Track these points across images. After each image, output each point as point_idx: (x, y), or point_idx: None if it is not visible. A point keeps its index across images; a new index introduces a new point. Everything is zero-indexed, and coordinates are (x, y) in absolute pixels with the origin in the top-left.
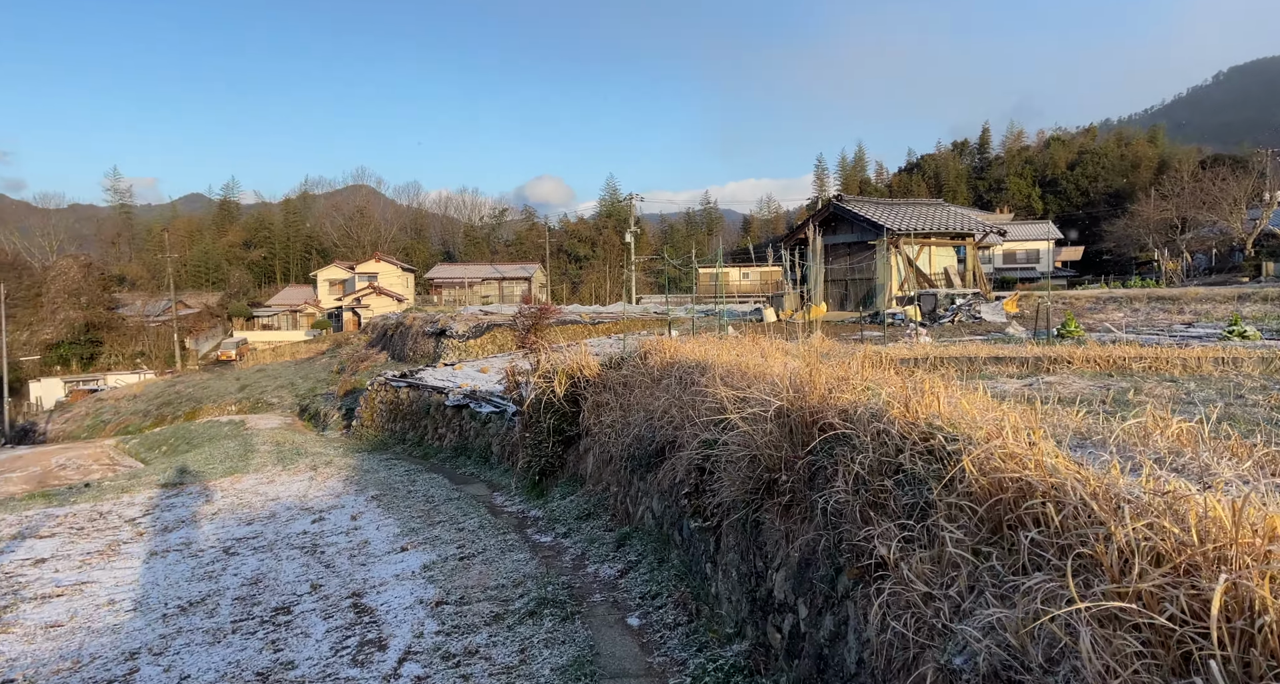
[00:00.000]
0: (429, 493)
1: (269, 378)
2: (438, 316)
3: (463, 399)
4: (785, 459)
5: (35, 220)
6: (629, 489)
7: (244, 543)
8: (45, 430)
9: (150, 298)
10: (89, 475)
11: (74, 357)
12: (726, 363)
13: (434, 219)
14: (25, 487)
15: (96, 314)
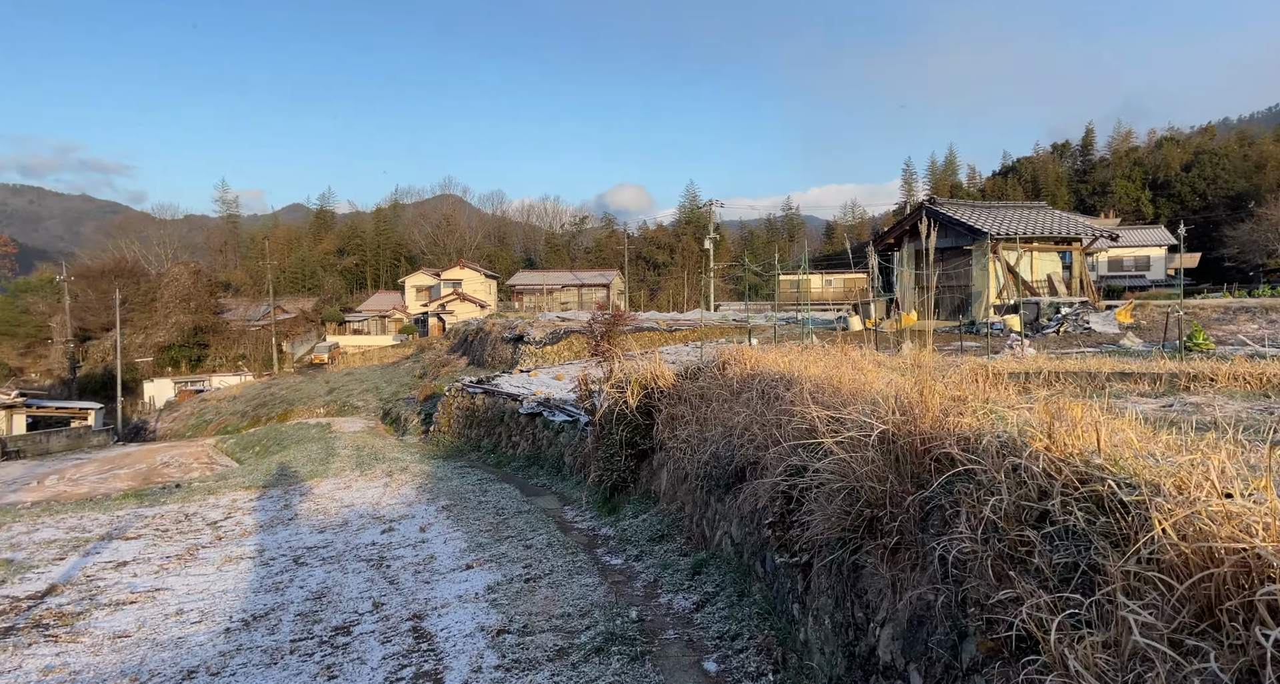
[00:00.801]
0: (499, 505)
1: (356, 381)
2: (516, 322)
3: (536, 407)
4: (891, 494)
5: (153, 230)
6: (705, 511)
7: (314, 552)
8: (155, 428)
9: (251, 303)
10: (189, 473)
11: (183, 358)
12: (816, 376)
13: (516, 227)
14: (131, 483)
15: (204, 318)
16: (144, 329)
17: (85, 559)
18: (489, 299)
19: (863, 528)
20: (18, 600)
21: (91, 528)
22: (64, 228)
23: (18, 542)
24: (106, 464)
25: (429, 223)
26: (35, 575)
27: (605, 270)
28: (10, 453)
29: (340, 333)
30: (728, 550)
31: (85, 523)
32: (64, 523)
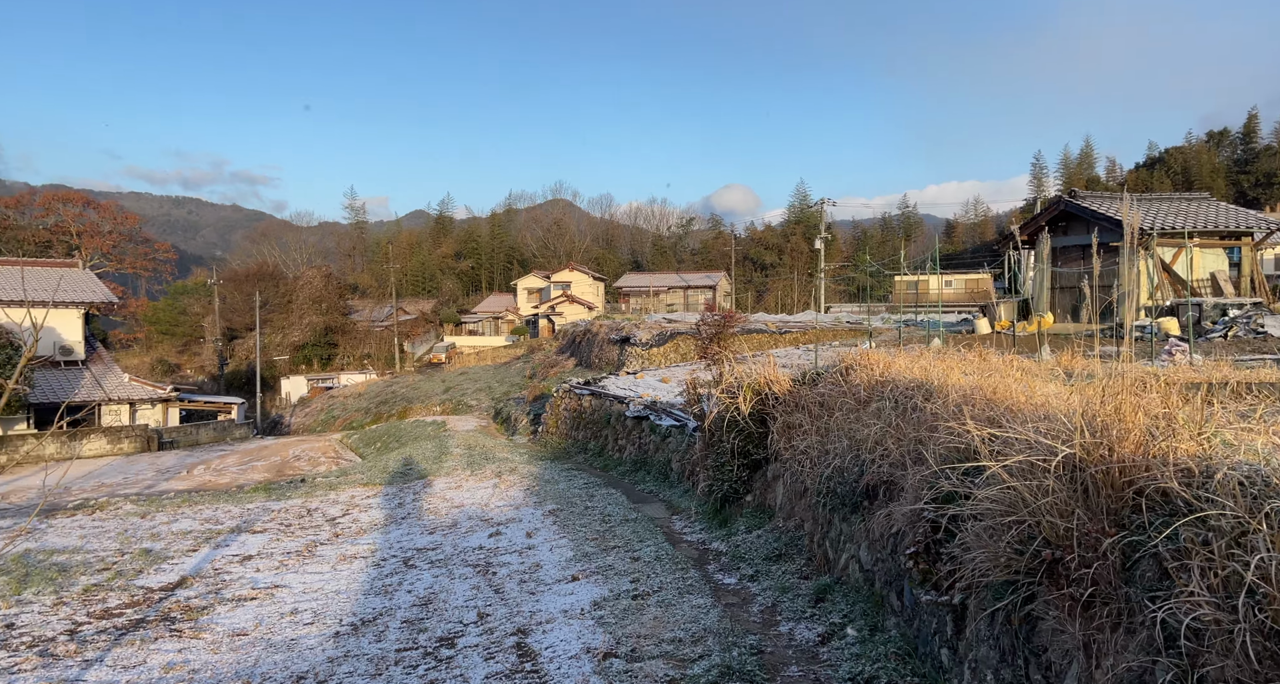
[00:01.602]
0: (606, 511)
1: (470, 380)
2: (622, 324)
3: (643, 410)
4: (1080, 533)
5: (290, 236)
6: (828, 530)
7: (423, 555)
8: (289, 423)
9: (376, 304)
10: (316, 467)
11: (315, 357)
12: (961, 386)
13: (624, 230)
14: (266, 475)
15: (333, 319)
16: (281, 329)
17: (215, 551)
18: (597, 301)
19: (1040, 572)
20: (151, 592)
21: (224, 520)
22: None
23: (158, 531)
24: (246, 456)
25: (540, 227)
26: (169, 566)
27: (711, 272)
28: (165, 443)
29: (457, 333)
30: (855, 576)
31: (219, 515)
32: (200, 514)
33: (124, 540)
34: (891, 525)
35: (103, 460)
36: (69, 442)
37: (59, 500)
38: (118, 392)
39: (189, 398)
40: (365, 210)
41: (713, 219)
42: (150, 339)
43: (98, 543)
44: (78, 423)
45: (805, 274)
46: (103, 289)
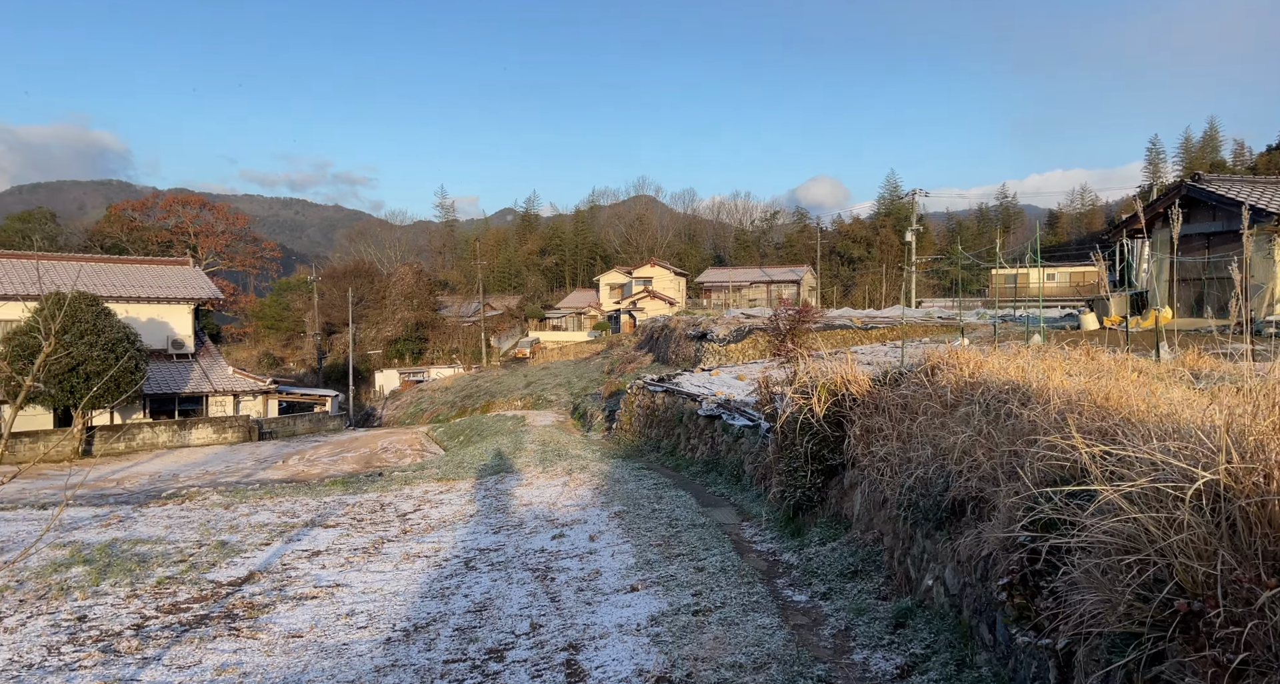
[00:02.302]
0: (673, 514)
1: (550, 375)
2: (700, 319)
3: (715, 409)
4: (1227, 582)
5: (385, 234)
6: (909, 546)
7: (485, 556)
8: (381, 415)
9: (464, 300)
10: (402, 459)
11: (407, 351)
12: (1065, 389)
13: (706, 224)
14: (355, 466)
15: (424, 314)
16: (376, 324)
17: (286, 546)
18: (678, 296)
19: (1171, 626)
20: (220, 586)
21: (300, 513)
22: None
23: (237, 523)
24: (338, 447)
25: (623, 222)
26: (241, 560)
27: (795, 266)
28: (265, 434)
29: (540, 329)
30: (940, 601)
31: (296, 508)
32: (279, 506)
33: (204, 532)
34: (981, 548)
35: (209, 449)
36: (179, 431)
37: (166, 487)
38: (223, 384)
39: (287, 390)
40: (455, 209)
41: (798, 212)
42: (258, 333)
43: (180, 534)
44: (187, 413)
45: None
46: (210, 285)
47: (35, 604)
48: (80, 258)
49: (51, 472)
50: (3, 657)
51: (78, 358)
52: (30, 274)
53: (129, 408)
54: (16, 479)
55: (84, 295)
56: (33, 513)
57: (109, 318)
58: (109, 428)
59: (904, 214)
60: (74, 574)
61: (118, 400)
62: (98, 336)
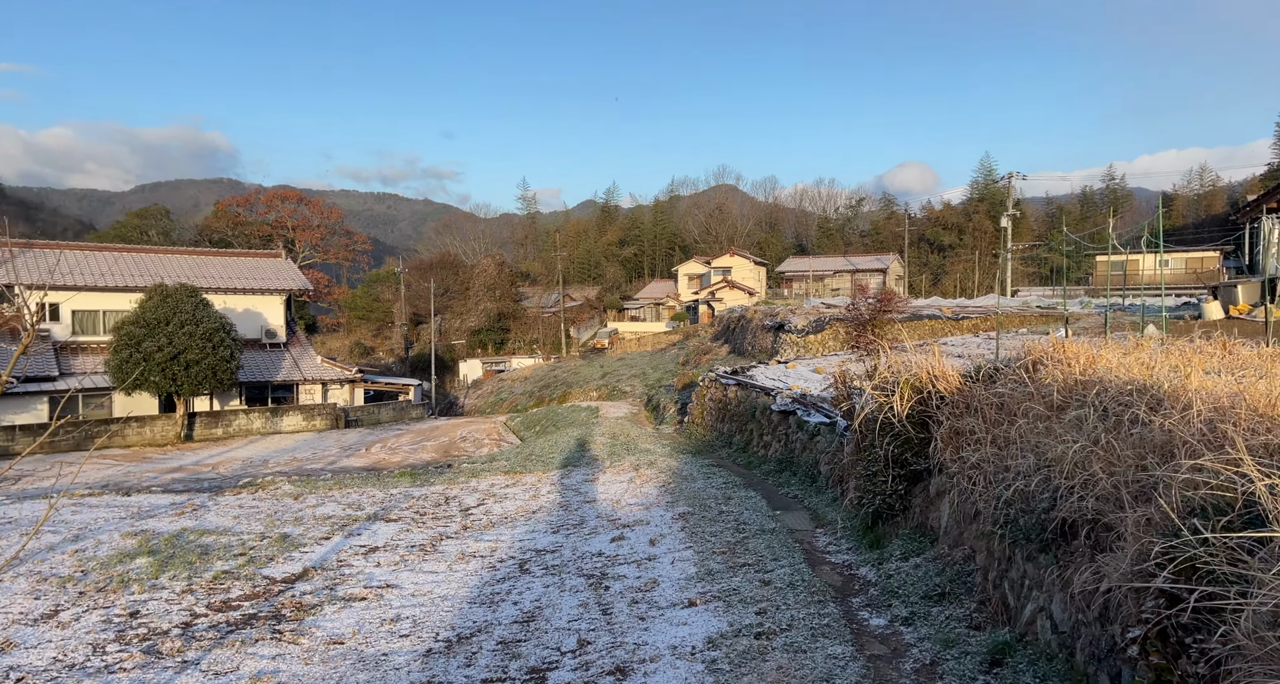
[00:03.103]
0: (741, 518)
1: (626, 366)
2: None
3: (790, 404)
4: None
5: (470, 227)
6: (1007, 569)
7: (540, 558)
8: (463, 404)
9: (545, 291)
10: (480, 448)
11: (489, 341)
12: (1210, 392)
13: (788, 213)
14: (434, 455)
15: (505, 305)
16: (460, 314)
17: (346, 541)
18: (758, 286)
19: None
20: (273, 583)
21: (365, 506)
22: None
23: (302, 516)
24: (419, 436)
25: (702, 212)
26: (299, 555)
27: (881, 254)
28: (351, 421)
29: (619, 319)
30: (1045, 637)
31: (362, 500)
32: (347, 498)
33: (269, 523)
34: (1100, 582)
35: (298, 436)
36: (272, 417)
37: (256, 472)
38: (312, 372)
39: (372, 379)
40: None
41: (885, 199)
42: (350, 324)
43: (245, 525)
44: (279, 400)
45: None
46: (300, 277)
47: (93, 597)
48: (182, 251)
49: (155, 455)
50: (48, 655)
51: (179, 347)
52: (138, 267)
53: (227, 395)
54: (123, 462)
55: (184, 287)
56: (116, 499)
57: (207, 308)
58: (208, 414)
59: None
60: (136, 566)
61: (213, 388)
62: (196, 326)
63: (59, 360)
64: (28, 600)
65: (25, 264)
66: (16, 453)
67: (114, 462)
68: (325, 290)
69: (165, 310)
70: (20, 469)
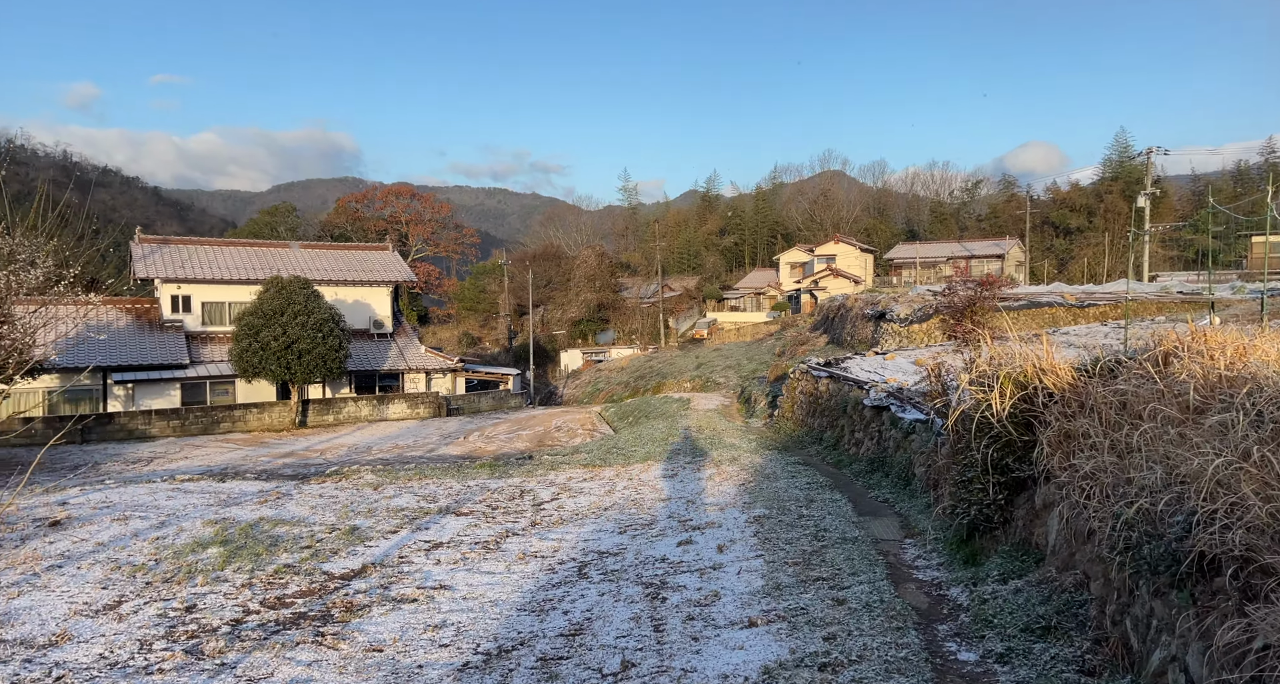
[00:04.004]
0: (822, 524)
1: (722, 357)
2: (879, 298)
3: (883, 398)
4: None
5: (574, 219)
6: (1129, 603)
7: (601, 561)
8: (562, 393)
9: (644, 281)
10: (573, 438)
11: (589, 331)
12: None
13: (898, 198)
14: (528, 444)
15: (605, 296)
16: (561, 305)
17: (412, 535)
18: (863, 274)
19: None
20: (330, 579)
21: (439, 498)
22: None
23: (376, 507)
24: (515, 425)
25: (806, 199)
26: (362, 550)
27: (999, 239)
28: (452, 410)
29: (718, 309)
30: None
31: (438, 492)
32: (424, 489)
33: (343, 514)
34: (1253, 640)
35: (402, 423)
36: (378, 405)
37: (361, 458)
38: (416, 362)
39: (473, 368)
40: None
41: (1005, 181)
42: (459, 314)
43: (319, 516)
44: (386, 389)
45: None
46: (406, 269)
47: (158, 588)
48: (295, 245)
49: (272, 440)
50: (95, 651)
51: (292, 337)
52: (259, 261)
53: (338, 383)
54: (243, 446)
55: (297, 279)
56: (210, 485)
57: (318, 300)
58: (320, 401)
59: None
60: (207, 556)
61: (324, 376)
62: (308, 317)
63: (190, 349)
64: (96, 590)
65: (162, 259)
66: (153, 436)
67: (235, 446)
68: (436, 282)
69: (280, 302)
70: (154, 450)
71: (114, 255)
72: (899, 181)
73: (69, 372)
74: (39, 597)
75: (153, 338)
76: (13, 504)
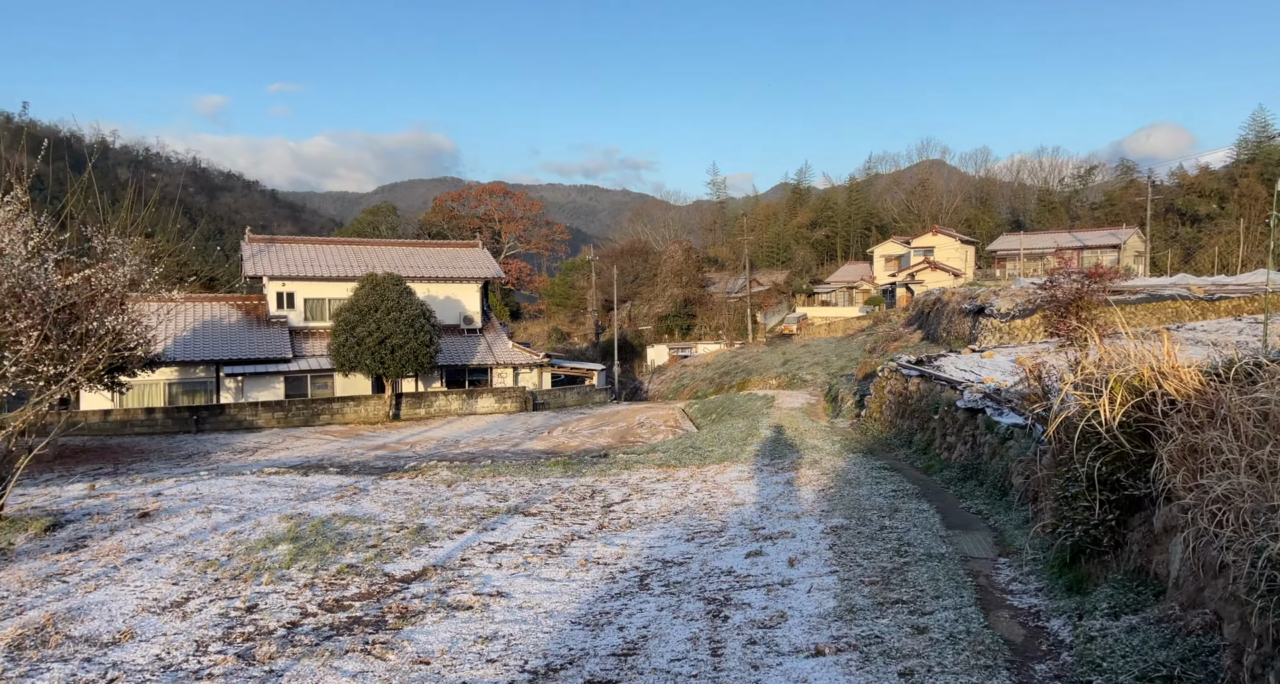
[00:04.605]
0: (906, 538)
1: (809, 354)
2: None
3: (978, 400)
4: None
5: (662, 214)
6: (1273, 654)
7: (665, 571)
8: (647, 389)
9: (731, 276)
10: (655, 434)
11: (675, 327)
12: None
13: (1002, 187)
14: (610, 441)
15: (691, 291)
16: (648, 300)
17: (477, 536)
18: (963, 266)
19: None
20: (390, 581)
21: (510, 496)
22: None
23: (446, 505)
24: (599, 420)
25: (902, 189)
26: (426, 550)
27: (1115, 228)
28: (538, 405)
29: (809, 304)
30: None
31: (510, 490)
32: (496, 487)
33: (413, 512)
34: None
35: (490, 417)
36: (467, 399)
37: (449, 451)
38: (504, 357)
39: (558, 363)
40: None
41: (1122, 166)
42: (549, 310)
43: (390, 513)
44: (475, 383)
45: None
46: (494, 266)
47: (225, 585)
48: (393, 243)
49: (366, 432)
50: (152, 652)
51: (385, 332)
52: (357, 259)
53: (429, 377)
54: (339, 438)
55: (390, 276)
56: (293, 479)
57: (410, 296)
58: (413, 395)
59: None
60: (276, 553)
61: (415, 371)
62: (400, 313)
63: (293, 343)
64: (166, 586)
65: (268, 258)
66: (259, 427)
67: (332, 437)
68: (527, 279)
69: (374, 298)
70: (259, 441)
71: (236, 255)
72: (1003, 170)
73: (186, 365)
74: (113, 591)
75: (260, 333)
76: (112, 495)
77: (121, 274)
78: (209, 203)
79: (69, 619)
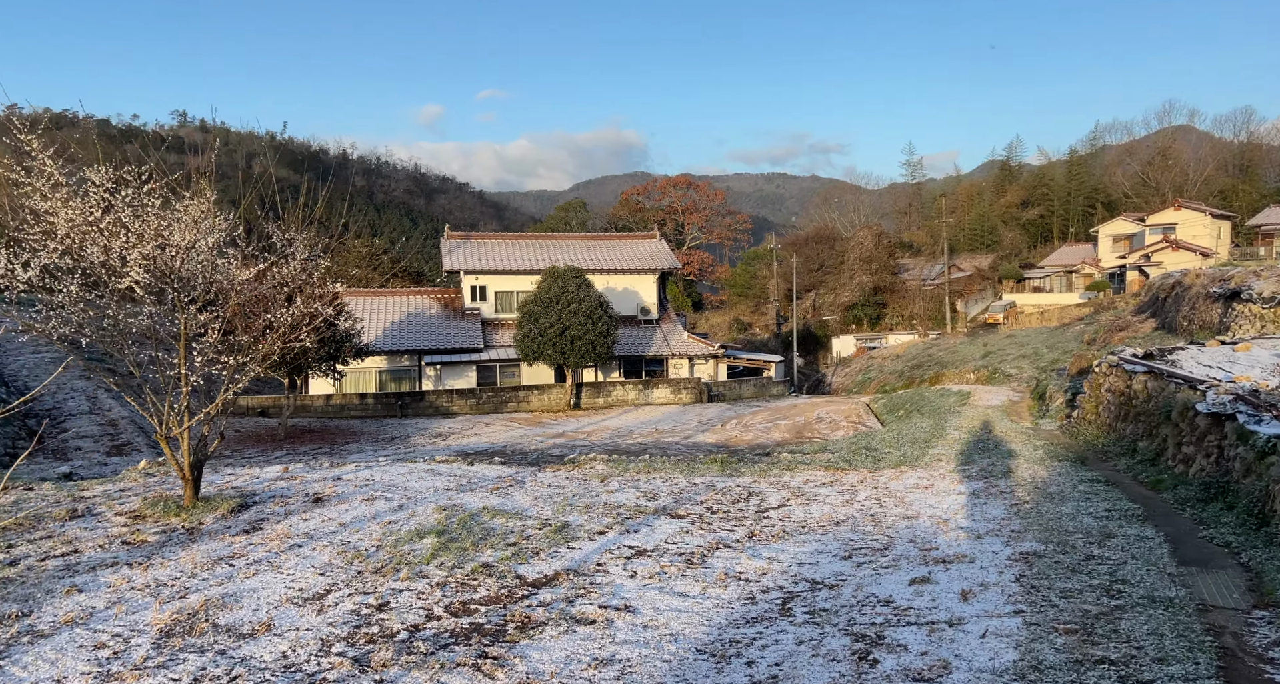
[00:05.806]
0: (1119, 572)
1: (1015, 345)
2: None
3: (1227, 404)
4: None
5: (853, 199)
6: None
7: (813, 595)
8: (830, 382)
9: (927, 262)
10: (835, 431)
11: (864, 316)
12: None
13: (1270, 152)
14: (785, 436)
15: (882, 278)
16: (834, 289)
17: (619, 537)
18: (1214, 245)
19: None
20: (521, 585)
21: (660, 495)
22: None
23: (594, 503)
24: (774, 414)
25: (1136, 161)
26: (564, 552)
27: None
28: (714, 396)
29: (1018, 291)
30: None
31: (661, 488)
32: (650, 484)
33: (560, 508)
34: None
35: (665, 408)
36: (643, 390)
37: (622, 441)
38: (679, 347)
39: (734, 355)
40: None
41: None
42: (730, 300)
43: (538, 508)
44: (651, 374)
45: None
46: (671, 257)
47: (366, 579)
48: (575, 237)
49: (548, 420)
50: (280, 649)
51: (565, 323)
52: (542, 252)
53: (608, 367)
54: (523, 426)
55: (570, 269)
56: (458, 469)
57: (589, 288)
58: (592, 384)
59: None
60: (420, 547)
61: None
62: (579, 304)
63: (484, 334)
64: (314, 575)
65: (464, 253)
66: (454, 413)
67: (516, 425)
68: (709, 269)
69: (556, 290)
70: (453, 426)
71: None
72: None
73: (393, 354)
74: (268, 578)
75: (456, 324)
76: (299, 478)
77: (293, 267)
78: (426, 205)
79: (221, 606)
